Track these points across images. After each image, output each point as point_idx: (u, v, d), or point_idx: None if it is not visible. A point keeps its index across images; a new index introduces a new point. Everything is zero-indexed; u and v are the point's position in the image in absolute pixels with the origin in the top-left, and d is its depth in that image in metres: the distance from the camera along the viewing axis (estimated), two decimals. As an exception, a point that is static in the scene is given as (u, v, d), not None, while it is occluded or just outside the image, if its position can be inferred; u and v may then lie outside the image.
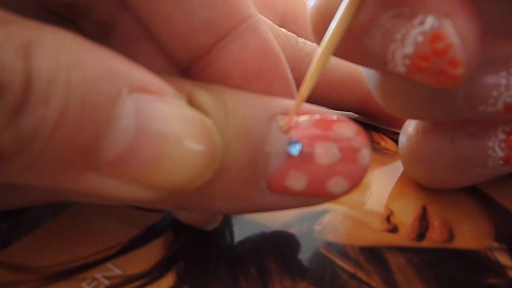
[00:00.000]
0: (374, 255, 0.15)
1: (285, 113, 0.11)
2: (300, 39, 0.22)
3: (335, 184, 0.11)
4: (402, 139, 0.18)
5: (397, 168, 0.20)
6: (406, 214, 0.17)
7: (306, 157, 0.11)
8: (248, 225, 0.16)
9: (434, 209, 0.17)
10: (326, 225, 0.16)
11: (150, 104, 0.09)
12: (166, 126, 0.09)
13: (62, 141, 0.08)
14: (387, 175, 0.20)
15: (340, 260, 0.15)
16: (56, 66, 0.08)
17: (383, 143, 0.22)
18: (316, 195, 0.11)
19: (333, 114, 0.11)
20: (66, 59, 0.08)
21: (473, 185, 0.19)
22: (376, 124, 0.24)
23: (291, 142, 0.11)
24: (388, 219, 0.17)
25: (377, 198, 0.18)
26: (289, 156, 0.11)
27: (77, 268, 0.14)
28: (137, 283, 0.13)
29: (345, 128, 0.11)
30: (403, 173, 0.20)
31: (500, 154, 0.15)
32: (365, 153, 0.11)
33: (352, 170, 0.11)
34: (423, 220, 0.17)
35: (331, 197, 0.11)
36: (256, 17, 0.12)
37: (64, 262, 0.14)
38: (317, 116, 0.11)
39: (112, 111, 0.08)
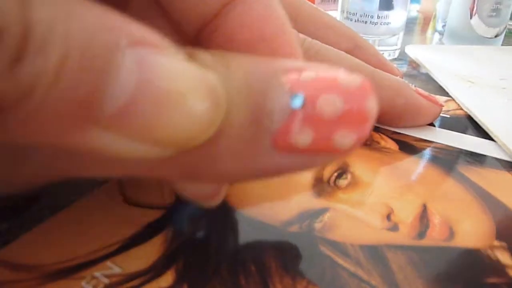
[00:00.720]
0: (374, 254, 0.15)
1: (287, 71, 0.11)
2: (301, 35, 0.22)
3: (342, 136, 0.10)
4: None
5: (397, 166, 0.20)
6: (407, 213, 0.17)
7: (309, 109, 0.10)
8: (248, 223, 0.16)
9: (435, 207, 0.17)
10: (326, 223, 0.16)
11: (150, 57, 0.09)
12: (168, 80, 0.09)
13: (63, 92, 0.08)
14: (387, 174, 0.20)
15: (340, 258, 0.15)
16: (54, 16, 0.08)
17: (383, 143, 0.22)
18: (322, 151, 0.11)
19: (338, 69, 0.11)
20: (65, 9, 0.08)
21: (475, 183, 0.19)
22: (375, 123, 0.24)
23: (294, 96, 0.10)
24: (388, 217, 0.17)
25: (377, 196, 0.18)
26: (292, 110, 0.10)
27: (77, 266, 0.14)
28: (136, 281, 0.13)
29: (349, 79, 0.11)
30: (404, 171, 0.20)
31: None
32: (371, 103, 0.11)
33: (358, 120, 0.10)
34: (424, 218, 0.17)
35: (338, 152, 0.11)
36: None
37: (63, 260, 0.14)
38: (319, 70, 0.11)
39: (111, 63, 0.08)
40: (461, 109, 0.27)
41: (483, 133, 0.24)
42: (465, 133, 0.24)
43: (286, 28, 0.12)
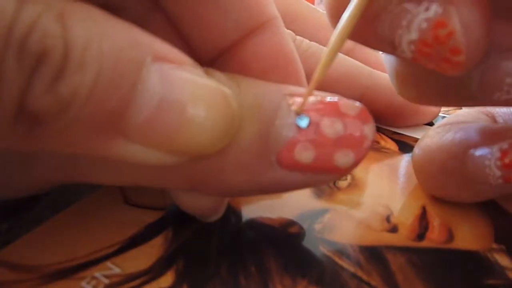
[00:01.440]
0: (374, 255, 0.15)
1: (295, 95, 0.12)
2: (298, 37, 0.22)
3: (342, 156, 0.11)
4: (416, 150, 0.18)
5: (397, 168, 0.20)
6: (406, 214, 0.17)
7: (313, 129, 0.11)
8: (248, 224, 0.16)
9: (434, 209, 0.17)
10: (326, 224, 0.16)
11: (172, 72, 0.09)
12: (187, 93, 0.09)
13: (95, 106, 0.09)
14: (387, 175, 0.20)
15: (340, 259, 0.15)
16: (89, 35, 0.08)
17: (383, 143, 0.22)
18: (323, 168, 0.12)
19: (338, 96, 0.12)
20: (97, 28, 0.09)
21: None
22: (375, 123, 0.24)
23: (300, 116, 0.11)
24: (388, 219, 0.17)
25: (377, 198, 0.18)
26: (298, 129, 0.11)
27: (77, 267, 0.14)
28: (136, 282, 0.13)
29: (350, 106, 0.12)
30: (403, 173, 0.20)
31: (497, 173, 0.15)
32: (369, 128, 0.12)
33: (358, 142, 0.12)
34: (423, 220, 0.17)
35: (338, 171, 0.12)
36: (278, 19, 0.13)
37: (63, 260, 0.14)
38: (324, 97, 0.12)
39: (138, 78, 0.09)
40: (461, 109, 0.27)
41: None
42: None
43: (296, 57, 0.13)
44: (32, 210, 0.16)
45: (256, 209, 0.17)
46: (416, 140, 0.23)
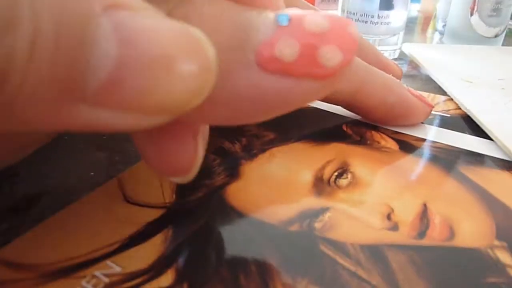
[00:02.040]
0: (374, 253, 0.15)
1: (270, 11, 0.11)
2: None
3: (328, 51, 0.10)
4: None
5: (397, 166, 0.20)
6: (407, 212, 0.17)
7: (296, 25, 0.10)
8: (248, 222, 0.16)
9: (435, 206, 0.17)
10: (326, 222, 0.16)
11: (129, 20, 0.08)
12: (152, 44, 0.08)
13: (40, 73, 0.07)
14: (387, 174, 0.20)
15: (340, 258, 0.15)
16: None
17: (383, 142, 0.22)
18: (308, 67, 0.10)
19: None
20: None
21: (475, 183, 0.19)
22: (370, 122, 0.24)
23: (280, 14, 0.10)
24: (388, 217, 0.17)
25: (377, 196, 0.18)
26: (278, 26, 0.10)
27: (77, 265, 0.14)
28: (136, 281, 0.13)
29: (328, 12, 0.11)
30: (404, 171, 0.20)
31: None
32: (354, 26, 0.11)
33: (344, 39, 0.10)
34: (424, 218, 0.17)
35: (325, 71, 0.10)
36: None
37: (63, 259, 0.14)
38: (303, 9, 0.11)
39: (87, 34, 0.07)
40: (461, 108, 0.27)
41: (483, 133, 0.24)
42: (464, 133, 0.24)
43: None
44: (31, 209, 0.16)
45: (256, 207, 0.17)
46: (416, 139, 0.23)
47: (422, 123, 0.25)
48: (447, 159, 0.21)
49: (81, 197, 0.17)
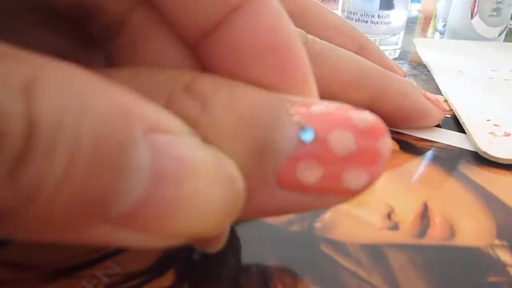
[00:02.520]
0: (375, 253, 0.15)
1: (296, 103, 0.10)
2: (310, 36, 0.22)
3: (353, 176, 0.10)
4: None
5: (398, 166, 0.20)
6: (407, 211, 0.17)
7: (320, 144, 0.09)
8: (248, 223, 0.16)
9: (435, 206, 0.17)
10: (326, 222, 0.16)
11: (167, 148, 0.08)
12: (185, 174, 0.08)
13: (69, 196, 0.07)
14: (388, 173, 0.20)
15: (341, 258, 0.15)
16: (62, 110, 0.07)
17: (384, 142, 0.22)
18: (331, 190, 0.10)
19: (347, 105, 0.10)
20: (74, 100, 0.07)
21: (475, 182, 0.19)
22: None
23: (303, 129, 0.10)
24: (389, 216, 0.17)
25: (377, 195, 0.18)
26: (301, 143, 0.09)
27: (77, 266, 0.14)
28: (137, 281, 0.13)
29: (362, 117, 0.10)
30: (404, 170, 0.20)
31: None
32: (384, 144, 0.10)
33: (371, 161, 0.10)
34: (424, 217, 0.17)
35: (348, 193, 0.10)
36: None
37: (63, 260, 0.14)
38: (331, 105, 0.10)
39: (125, 159, 0.07)
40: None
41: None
42: (464, 133, 0.24)
43: (294, 38, 0.11)
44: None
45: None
46: (417, 139, 0.23)
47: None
48: (448, 159, 0.21)
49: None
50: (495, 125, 0.24)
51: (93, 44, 0.12)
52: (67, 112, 0.07)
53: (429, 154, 0.22)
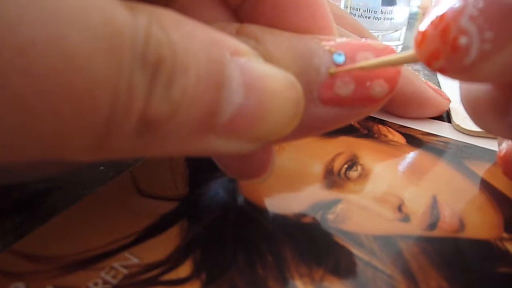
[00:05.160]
0: (387, 244, 0.15)
1: (323, 38, 0.12)
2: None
3: (377, 85, 0.12)
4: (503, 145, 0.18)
5: (405, 159, 0.21)
6: (417, 204, 0.17)
7: (349, 63, 0.12)
8: (262, 214, 0.16)
9: (443, 199, 0.18)
10: (339, 214, 0.16)
11: (248, 65, 0.10)
12: (266, 83, 0.10)
13: (196, 107, 0.09)
14: (396, 166, 0.20)
15: (354, 248, 0.15)
16: (184, 39, 0.09)
17: (390, 136, 0.23)
18: (361, 100, 0.12)
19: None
20: (185, 32, 0.09)
21: (480, 177, 0.19)
22: (384, 114, 0.25)
23: (336, 53, 0.12)
24: (399, 208, 0.17)
25: (388, 188, 0.18)
26: (335, 65, 0.12)
27: (95, 257, 0.14)
28: (155, 272, 0.13)
29: (377, 42, 0.13)
30: (412, 163, 0.20)
31: None
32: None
33: (389, 72, 0.12)
34: (434, 210, 0.17)
35: (374, 101, 0.12)
36: None
37: (81, 251, 0.14)
38: (352, 37, 0.13)
39: (223, 75, 0.09)
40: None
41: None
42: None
43: None
44: (44, 203, 0.17)
45: (269, 200, 0.17)
46: (423, 133, 0.23)
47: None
48: (452, 153, 0.21)
49: (92, 191, 0.17)
50: None
51: None
52: (186, 40, 0.09)
53: (435, 148, 0.22)
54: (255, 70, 0.10)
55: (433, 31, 0.10)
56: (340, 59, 0.12)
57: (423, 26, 0.10)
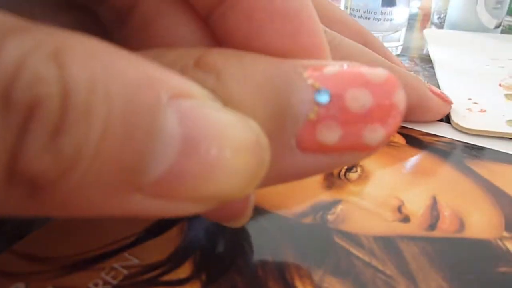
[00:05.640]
0: (387, 245, 0.15)
1: (308, 66, 0.10)
2: (321, 25, 0.22)
3: (371, 131, 0.10)
4: None
5: (405, 160, 0.21)
6: (417, 205, 0.17)
7: (336, 103, 0.10)
8: (262, 214, 0.16)
9: (443, 199, 0.18)
10: (339, 215, 0.16)
11: (193, 111, 0.08)
12: (214, 135, 0.08)
13: (106, 161, 0.07)
14: (396, 167, 0.20)
15: (354, 249, 0.15)
16: (92, 74, 0.07)
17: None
18: (350, 148, 0.10)
19: (359, 63, 0.10)
20: (100, 65, 0.07)
21: (481, 176, 0.19)
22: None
23: (319, 91, 0.10)
24: (399, 209, 0.17)
25: (387, 189, 0.18)
26: (318, 105, 0.10)
27: (95, 258, 0.14)
28: (155, 272, 0.13)
29: (375, 73, 0.10)
30: (412, 164, 0.20)
31: None
32: (399, 96, 0.10)
33: (387, 114, 0.10)
34: (434, 210, 0.17)
35: (367, 148, 0.10)
36: None
37: (81, 252, 0.14)
38: (343, 64, 0.10)
39: (154, 122, 0.07)
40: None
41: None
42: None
43: (307, 3, 0.11)
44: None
45: (268, 200, 0.17)
46: (423, 133, 0.23)
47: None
48: (453, 153, 0.21)
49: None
50: (475, 103, 0.26)
51: (105, 33, 0.12)
52: (96, 77, 0.07)
53: (435, 148, 0.22)
54: (203, 118, 0.08)
55: None
56: (324, 99, 0.10)
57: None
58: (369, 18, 0.36)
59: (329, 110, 0.10)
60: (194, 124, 0.08)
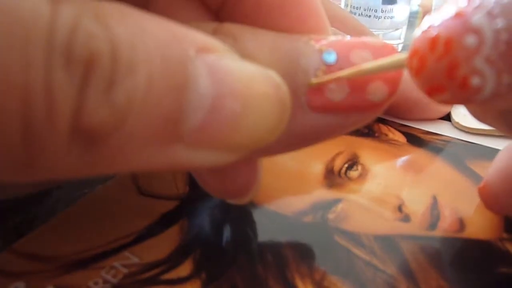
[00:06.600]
0: (388, 244, 0.15)
1: (313, 37, 0.11)
2: None
3: (375, 88, 0.10)
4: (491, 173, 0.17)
5: (405, 159, 0.21)
6: (417, 204, 0.17)
7: (343, 63, 0.10)
8: (262, 213, 0.16)
9: (444, 199, 0.18)
10: (339, 213, 0.16)
11: (218, 62, 0.08)
12: (242, 82, 0.09)
13: (151, 112, 0.08)
14: (396, 166, 0.20)
15: (355, 248, 0.15)
16: (132, 34, 0.07)
17: (391, 135, 0.23)
18: (357, 106, 0.11)
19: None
20: (138, 25, 0.08)
21: (480, 176, 0.19)
22: (384, 115, 0.25)
23: (326, 52, 0.11)
24: (399, 208, 0.17)
25: (388, 188, 0.18)
26: (326, 65, 0.11)
27: (95, 256, 0.14)
28: (155, 271, 0.13)
29: (374, 39, 0.11)
30: (412, 163, 0.20)
31: None
32: (397, 52, 0.11)
33: (389, 73, 0.11)
34: (434, 210, 0.17)
35: (372, 107, 0.11)
36: None
37: (81, 251, 0.14)
38: (346, 36, 0.11)
39: (186, 74, 0.08)
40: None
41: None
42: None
43: None
44: (44, 203, 0.17)
45: (269, 199, 0.17)
46: (423, 132, 0.23)
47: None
48: (453, 152, 0.21)
49: (93, 191, 0.17)
50: None
51: None
52: (136, 34, 0.07)
53: (435, 147, 0.22)
54: (228, 68, 0.08)
55: (436, 63, 0.09)
56: (331, 58, 0.10)
57: (420, 43, 0.09)
58: (369, 16, 0.35)
59: (336, 69, 0.10)
60: (222, 74, 0.08)
